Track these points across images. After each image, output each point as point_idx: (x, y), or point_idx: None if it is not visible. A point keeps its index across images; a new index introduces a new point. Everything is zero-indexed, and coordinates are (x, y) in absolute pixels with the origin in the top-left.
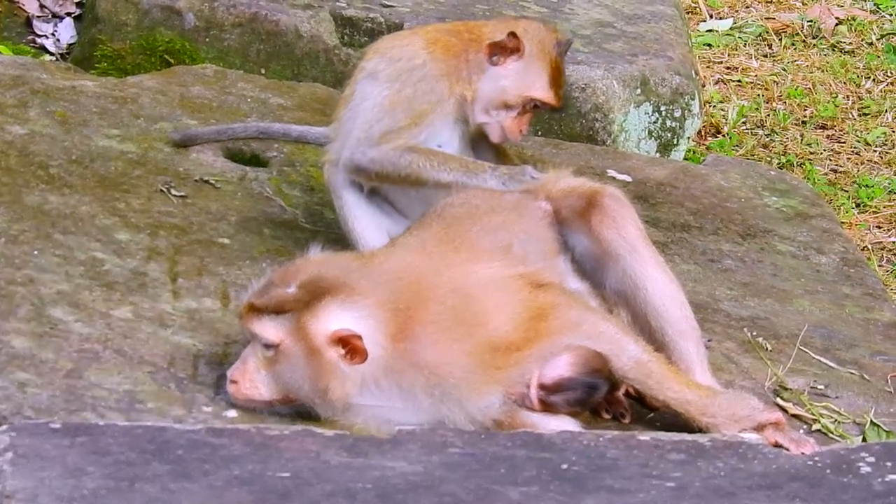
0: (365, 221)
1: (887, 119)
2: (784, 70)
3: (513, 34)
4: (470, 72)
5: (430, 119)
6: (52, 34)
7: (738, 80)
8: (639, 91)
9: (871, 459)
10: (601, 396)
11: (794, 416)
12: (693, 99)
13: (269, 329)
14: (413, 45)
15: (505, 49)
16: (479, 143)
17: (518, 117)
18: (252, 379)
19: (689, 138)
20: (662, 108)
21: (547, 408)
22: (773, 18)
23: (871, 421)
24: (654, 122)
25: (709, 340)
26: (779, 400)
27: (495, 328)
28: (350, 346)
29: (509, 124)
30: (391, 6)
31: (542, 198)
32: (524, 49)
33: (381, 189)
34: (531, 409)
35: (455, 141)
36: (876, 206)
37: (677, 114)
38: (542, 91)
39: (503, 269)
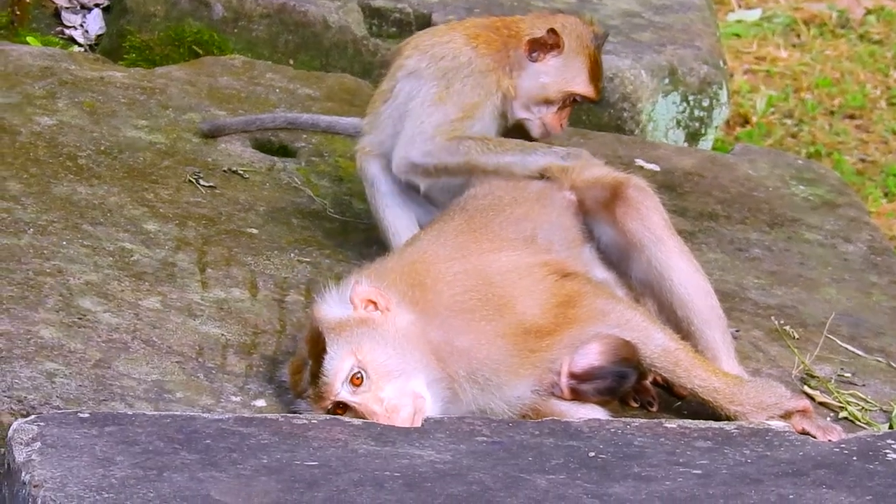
0: (397, 211)
1: None
2: (812, 60)
3: (552, 30)
4: (511, 68)
5: (481, 112)
6: (81, 25)
7: (767, 70)
8: (667, 81)
9: None
10: (630, 385)
11: (822, 403)
12: (721, 88)
13: (338, 366)
14: (455, 41)
15: (544, 45)
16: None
17: (558, 112)
18: (391, 399)
19: (717, 128)
20: (690, 98)
21: (576, 396)
22: (802, 8)
23: None
24: (682, 112)
25: (736, 331)
26: (806, 388)
27: (523, 311)
28: (375, 302)
29: (550, 119)
30: None
31: (567, 188)
32: (563, 45)
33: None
34: (560, 398)
35: (493, 136)
36: None
37: (705, 103)
38: (582, 85)
39: (526, 256)
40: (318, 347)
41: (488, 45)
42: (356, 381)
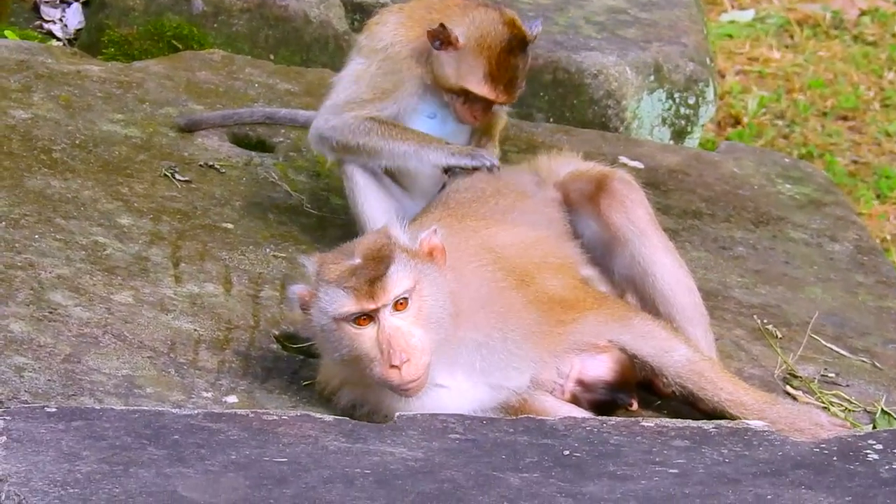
0: (375, 206)
1: None
2: (805, 61)
3: (442, 26)
4: (429, 54)
5: (394, 97)
6: (60, 19)
7: (759, 71)
8: (652, 78)
9: (879, 447)
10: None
11: (805, 404)
12: (707, 86)
13: (401, 279)
14: (388, 23)
15: (440, 38)
16: None
17: (467, 104)
18: (416, 346)
19: (703, 126)
20: (676, 95)
21: (571, 400)
22: (796, 9)
23: (882, 409)
24: (668, 110)
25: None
26: (788, 388)
27: (543, 282)
28: (435, 254)
29: (459, 108)
30: None
31: (551, 184)
32: (458, 41)
33: (392, 171)
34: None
35: (451, 115)
36: None
37: (691, 101)
38: (474, 84)
39: (527, 230)
40: (382, 255)
41: (412, 30)
42: (400, 305)
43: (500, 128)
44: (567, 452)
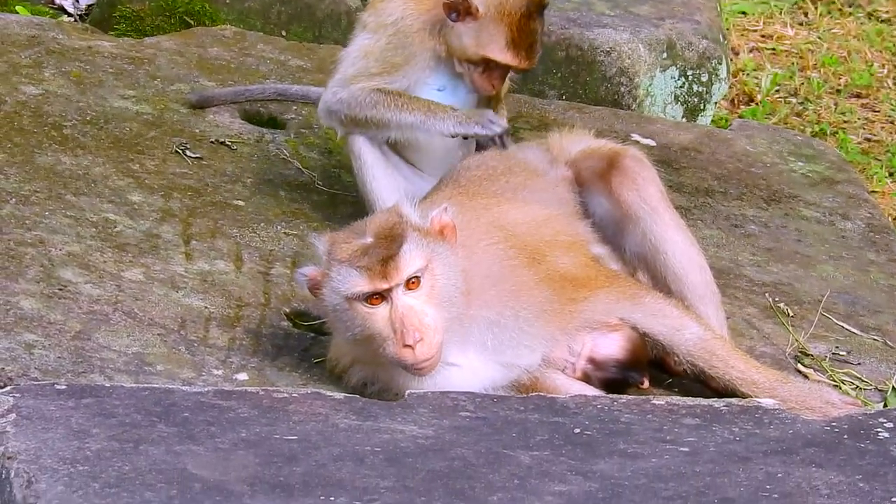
0: (384, 184)
1: None
2: (819, 38)
3: None
4: (441, 26)
5: (403, 70)
6: None
7: (773, 49)
8: (665, 55)
9: (890, 425)
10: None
11: (816, 382)
12: (720, 63)
13: (414, 258)
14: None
15: (458, 8)
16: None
17: (486, 73)
18: (429, 325)
19: (716, 103)
20: (689, 73)
21: (582, 378)
22: None
23: (893, 387)
24: (681, 87)
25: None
26: (800, 366)
27: (555, 260)
28: (445, 233)
29: (477, 79)
30: None
31: (562, 163)
32: (478, 10)
33: (401, 148)
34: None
35: (460, 87)
36: None
37: (704, 78)
38: (496, 52)
39: (538, 209)
40: (394, 234)
41: (420, 4)
42: (412, 284)
43: (506, 89)
44: (578, 430)
